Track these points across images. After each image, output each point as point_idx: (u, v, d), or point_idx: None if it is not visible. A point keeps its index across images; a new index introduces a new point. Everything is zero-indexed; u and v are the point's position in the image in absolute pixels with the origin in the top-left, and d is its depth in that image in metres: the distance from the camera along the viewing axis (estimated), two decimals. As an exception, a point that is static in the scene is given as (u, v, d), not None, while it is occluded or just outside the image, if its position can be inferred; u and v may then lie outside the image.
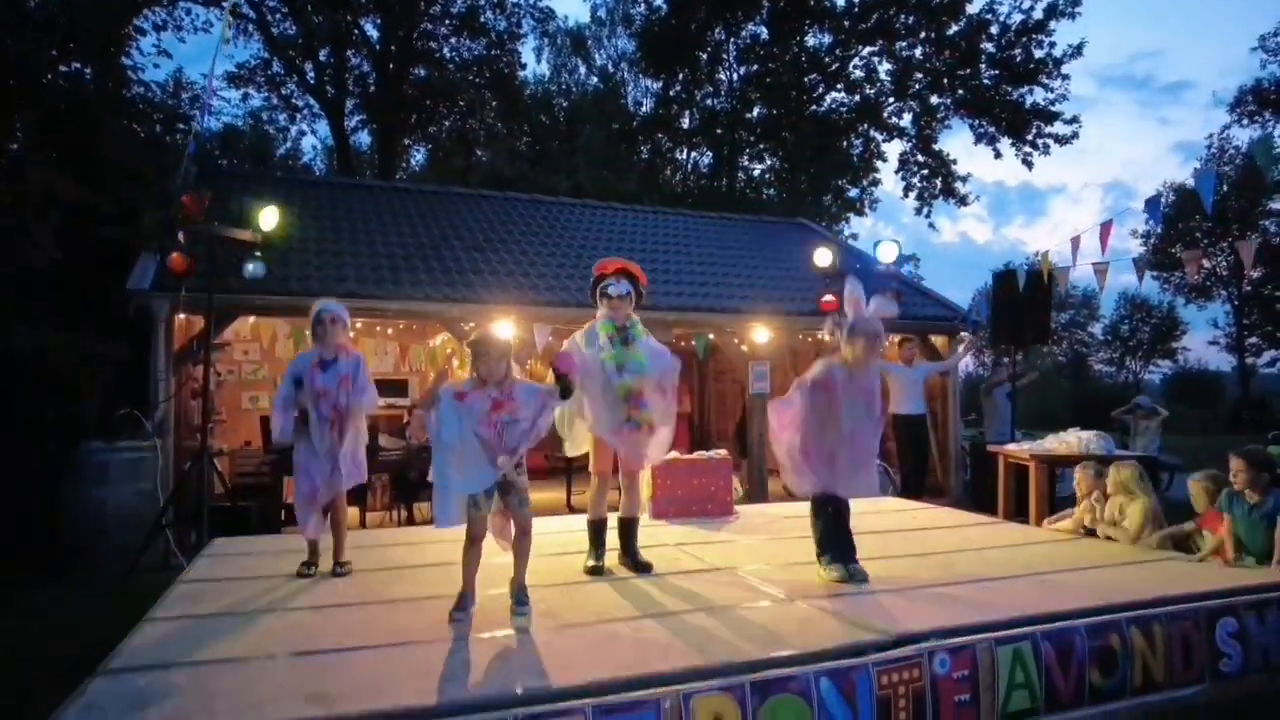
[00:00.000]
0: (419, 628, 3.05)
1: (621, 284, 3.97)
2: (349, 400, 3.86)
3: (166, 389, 6.36)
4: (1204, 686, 3.27)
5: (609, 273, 4.03)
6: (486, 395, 3.17)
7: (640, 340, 3.98)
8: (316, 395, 3.81)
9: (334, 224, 9.09)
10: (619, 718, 2.35)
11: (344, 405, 3.84)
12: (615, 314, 3.94)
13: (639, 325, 4.04)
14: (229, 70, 18.50)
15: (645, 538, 4.83)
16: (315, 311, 3.93)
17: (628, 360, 3.86)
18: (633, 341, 3.94)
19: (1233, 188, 27.89)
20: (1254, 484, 4.09)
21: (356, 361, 3.96)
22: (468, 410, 3.13)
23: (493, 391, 3.19)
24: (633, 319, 4.02)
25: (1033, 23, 20.69)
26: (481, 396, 3.17)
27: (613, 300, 3.94)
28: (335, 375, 3.84)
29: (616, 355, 3.86)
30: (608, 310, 3.96)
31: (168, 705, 2.29)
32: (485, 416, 3.14)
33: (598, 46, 26.58)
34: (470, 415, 3.13)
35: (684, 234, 11.70)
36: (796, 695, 2.57)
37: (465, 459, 3.11)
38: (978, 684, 2.86)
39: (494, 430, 3.14)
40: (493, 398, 3.17)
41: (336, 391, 3.83)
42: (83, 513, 5.59)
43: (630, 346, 3.92)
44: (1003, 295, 8.40)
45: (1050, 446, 6.86)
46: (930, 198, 22.98)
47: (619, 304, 3.95)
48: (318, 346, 3.91)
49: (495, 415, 3.14)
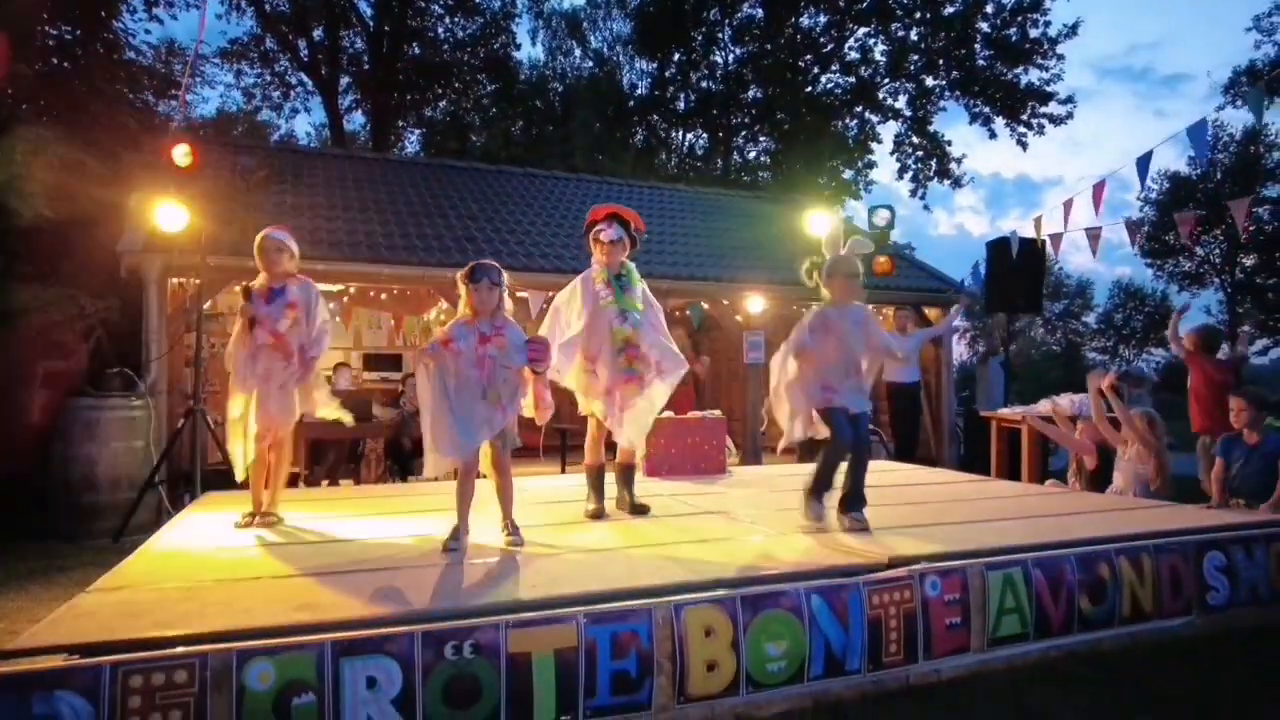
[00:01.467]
0: (413, 556, 3.06)
1: (614, 228, 3.87)
2: (291, 327, 3.72)
3: (158, 349, 6.32)
4: (1192, 618, 3.30)
5: (600, 218, 3.93)
6: (474, 330, 3.17)
7: (635, 288, 3.93)
8: (259, 322, 3.68)
9: (327, 194, 9.04)
10: (611, 626, 2.36)
11: (284, 331, 3.70)
12: (610, 259, 3.87)
13: (634, 273, 3.98)
14: (221, 46, 18.40)
15: (639, 491, 4.86)
16: (258, 240, 3.79)
17: (628, 307, 3.81)
18: (629, 289, 3.89)
19: (1227, 173, 27.94)
20: (1255, 424, 4.13)
21: (308, 289, 3.83)
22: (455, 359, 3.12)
23: (482, 326, 3.18)
24: (628, 266, 3.95)
25: (1028, 2, 20.65)
26: (469, 332, 3.16)
27: (605, 245, 3.85)
28: (281, 303, 3.72)
29: (619, 300, 3.81)
30: (602, 256, 3.88)
31: (159, 613, 2.28)
32: (473, 354, 3.13)
33: (593, 28, 26.44)
34: (459, 362, 3.12)
35: (679, 208, 11.69)
36: (788, 611, 2.59)
37: (456, 417, 3.10)
38: (968, 607, 2.88)
39: (483, 370, 3.13)
40: (480, 332, 3.16)
41: (279, 318, 3.70)
42: (73, 470, 5.54)
43: (628, 293, 3.87)
44: (996, 264, 8.41)
45: (1042, 409, 6.89)
46: (925, 179, 22.96)
47: (612, 249, 3.86)
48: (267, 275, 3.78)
49: (483, 349, 3.13)
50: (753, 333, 8.81)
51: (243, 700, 1.99)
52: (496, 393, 3.14)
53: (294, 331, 3.74)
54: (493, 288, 3.21)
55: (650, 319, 3.91)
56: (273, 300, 3.73)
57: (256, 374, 3.68)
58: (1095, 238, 6.77)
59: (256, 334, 3.68)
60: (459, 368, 3.14)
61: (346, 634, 2.13)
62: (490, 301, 3.21)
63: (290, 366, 3.72)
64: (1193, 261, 29.86)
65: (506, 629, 2.24)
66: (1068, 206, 6.61)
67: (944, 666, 2.79)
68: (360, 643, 2.12)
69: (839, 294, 3.71)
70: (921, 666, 2.76)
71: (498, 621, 2.26)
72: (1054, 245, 7.36)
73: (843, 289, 3.70)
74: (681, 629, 2.42)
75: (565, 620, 2.31)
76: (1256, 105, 4.96)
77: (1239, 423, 4.19)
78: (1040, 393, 9.03)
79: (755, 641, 2.51)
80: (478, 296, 3.19)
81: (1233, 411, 4.23)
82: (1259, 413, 4.15)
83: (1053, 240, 7.30)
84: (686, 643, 2.42)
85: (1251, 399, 4.20)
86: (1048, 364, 35.52)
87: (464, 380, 3.13)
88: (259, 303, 3.71)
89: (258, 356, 3.69)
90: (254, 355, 3.70)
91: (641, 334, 3.81)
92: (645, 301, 3.94)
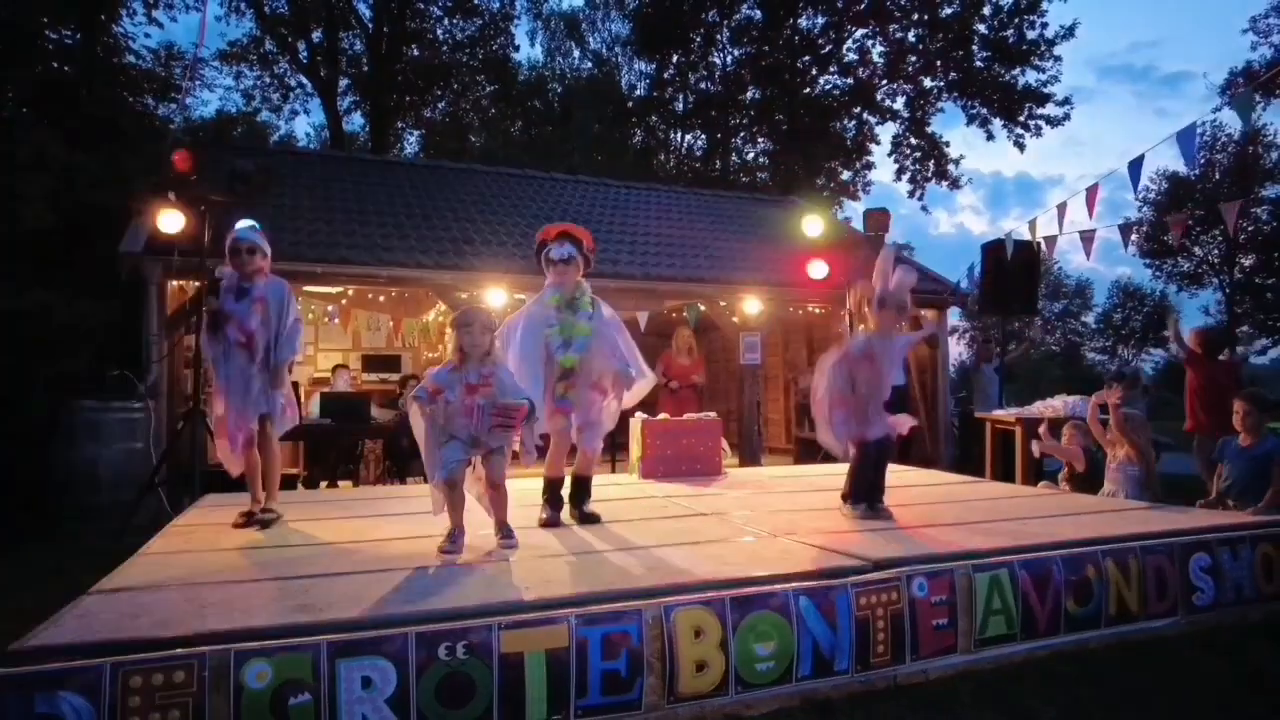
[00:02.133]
0: (408, 557, 3.10)
1: (564, 247, 3.74)
2: (260, 325, 3.71)
3: (159, 350, 6.37)
4: (1177, 619, 3.35)
5: (551, 237, 3.80)
6: (462, 379, 3.14)
7: (584, 312, 3.79)
8: (227, 318, 3.69)
9: (326, 196, 9.08)
10: (602, 628, 2.41)
11: (254, 329, 3.69)
12: (562, 280, 3.75)
13: (587, 295, 3.85)
14: (221, 48, 18.45)
15: (634, 492, 4.94)
16: (228, 241, 3.78)
17: (573, 335, 3.72)
18: (578, 312, 3.77)
19: (1225, 174, 27.98)
20: (1255, 428, 4.19)
21: (279, 288, 3.83)
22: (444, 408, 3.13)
23: (469, 375, 3.14)
24: (582, 287, 3.83)
25: (1025, 4, 20.70)
26: (456, 380, 3.14)
27: (556, 265, 3.74)
28: (249, 300, 3.72)
29: (563, 329, 3.72)
30: (554, 277, 3.77)
31: (159, 613, 2.33)
32: (460, 404, 3.11)
33: (591, 30, 26.52)
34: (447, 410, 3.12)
35: (677, 209, 11.72)
36: (776, 612, 2.63)
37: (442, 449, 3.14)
38: (955, 608, 2.93)
39: (471, 419, 3.11)
40: (467, 381, 3.13)
41: (248, 316, 3.70)
42: (74, 471, 5.60)
43: (576, 317, 3.75)
44: (991, 266, 8.44)
45: (1036, 410, 6.94)
46: (923, 180, 23.01)
47: (564, 269, 3.74)
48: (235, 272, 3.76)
49: (470, 400, 3.11)
50: (749, 334, 8.85)
51: (241, 699, 2.03)
52: (482, 439, 3.14)
53: (262, 331, 3.73)
54: (484, 332, 3.19)
55: (605, 339, 3.81)
56: (242, 298, 3.73)
57: (230, 374, 3.70)
58: (1089, 240, 6.82)
59: (228, 331, 3.69)
60: (448, 415, 3.13)
61: (342, 635, 2.18)
62: (481, 346, 3.18)
63: (256, 366, 3.73)
64: (1191, 261, 29.89)
65: (499, 629, 2.28)
66: (1061, 209, 6.65)
67: (931, 667, 2.84)
68: (356, 643, 2.17)
69: (886, 325, 3.85)
70: (909, 667, 2.80)
71: (490, 623, 2.30)
72: (1049, 247, 7.40)
73: (891, 321, 3.85)
74: (671, 629, 2.47)
75: (557, 621, 2.36)
76: (1244, 110, 5.01)
77: (1241, 425, 4.24)
78: (1038, 392, 9.09)
79: (744, 642, 2.55)
80: (469, 340, 3.16)
81: (1236, 414, 4.28)
82: (1261, 415, 4.21)
83: (1048, 242, 7.35)
84: (676, 643, 2.46)
85: (1255, 401, 4.26)
86: (1046, 364, 35.57)
87: (453, 425, 3.14)
88: (228, 298, 3.72)
89: (230, 355, 3.72)
90: (226, 354, 3.72)
91: (587, 360, 3.73)
92: (599, 321, 3.81)
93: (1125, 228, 6.58)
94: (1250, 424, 4.22)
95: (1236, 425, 4.29)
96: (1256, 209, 25.54)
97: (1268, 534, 3.64)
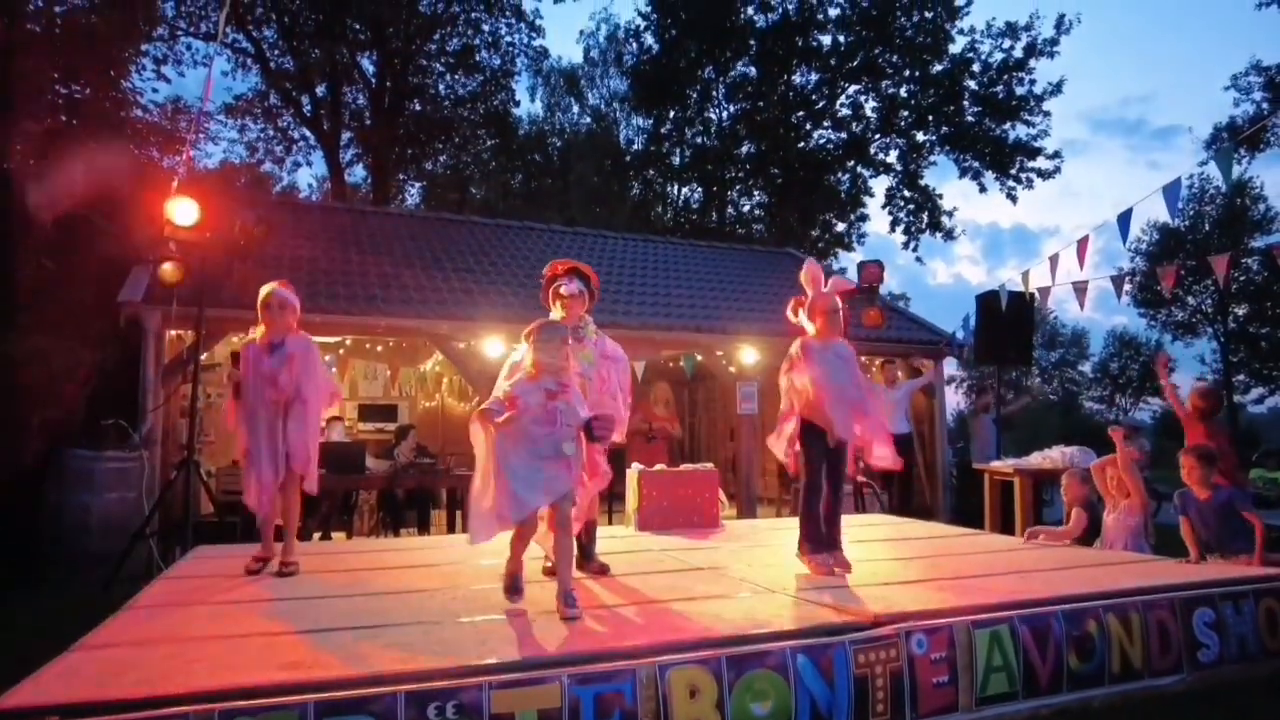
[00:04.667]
0: (400, 613, 3.05)
1: (574, 283, 3.90)
2: (295, 382, 3.78)
3: (155, 400, 6.36)
4: (1183, 675, 3.29)
5: (560, 272, 3.96)
6: (540, 387, 3.14)
7: (590, 339, 3.91)
8: (261, 378, 3.76)
9: (326, 245, 9.16)
10: (596, 688, 2.36)
11: (287, 386, 3.77)
12: (570, 313, 3.88)
13: (591, 325, 3.99)
14: (226, 102, 18.79)
15: (628, 545, 4.89)
16: (263, 295, 3.86)
17: (579, 358, 3.75)
18: (583, 340, 3.88)
19: (1215, 225, 28.38)
20: (1204, 481, 4.20)
21: (306, 344, 3.91)
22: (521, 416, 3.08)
23: (547, 383, 3.16)
24: (586, 319, 3.96)
25: (1013, 61, 21.22)
26: (534, 389, 3.14)
27: (565, 299, 3.87)
28: (281, 357, 3.79)
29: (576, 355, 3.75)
30: (562, 311, 3.89)
31: (144, 670, 2.28)
32: (541, 410, 3.10)
33: (590, 86, 27.10)
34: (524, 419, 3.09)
35: (674, 260, 11.84)
36: (773, 671, 2.59)
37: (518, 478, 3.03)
38: (955, 665, 2.88)
39: (554, 425, 3.09)
40: (547, 389, 3.15)
41: (279, 372, 3.76)
42: (65, 519, 5.54)
43: (582, 344, 3.85)
44: (986, 316, 8.51)
45: (1035, 462, 6.92)
46: (917, 232, 23.31)
47: (571, 303, 3.88)
48: (266, 330, 3.85)
49: (552, 404, 3.12)
50: (745, 383, 8.86)
51: (224, 762, 1.98)
52: (563, 448, 3.09)
53: (293, 386, 3.80)
54: (563, 344, 3.24)
55: (600, 375, 3.86)
56: (274, 353, 3.81)
57: (258, 430, 3.76)
58: (1082, 291, 6.88)
59: (265, 392, 3.76)
60: (524, 425, 3.08)
61: (330, 694, 2.13)
62: (559, 359, 3.21)
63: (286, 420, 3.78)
64: (1185, 311, 30.14)
65: (490, 689, 2.24)
66: (1054, 261, 6.73)
67: (932, 726, 2.78)
68: (344, 703, 2.12)
69: (820, 329, 3.98)
70: (909, 726, 2.74)
71: (481, 682, 2.26)
72: (1043, 298, 7.47)
73: (824, 324, 3.97)
74: (666, 689, 2.42)
75: (549, 680, 2.31)
76: (1226, 164, 5.11)
77: (1191, 480, 4.26)
78: (1036, 442, 9.06)
79: (740, 701, 2.50)
80: (546, 355, 3.18)
81: (1184, 469, 4.30)
82: (1208, 469, 4.23)
83: (1041, 293, 7.42)
84: (671, 703, 2.41)
85: (1198, 456, 4.28)
86: (1045, 413, 35.55)
87: (529, 437, 3.07)
88: (261, 357, 3.80)
89: (259, 412, 3.78)
90: (254, 413, 3.78)
91: (592, 386, 3.78)
92: (600, 355, 3.91)
93: (1118, 278, 6.64)
94: (1198, 478, 4.24)
95: (1186, 480, 4.30)
96: (1247, 259, 25.83)
97: (1269, 588, 3.60)
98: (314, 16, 17.98)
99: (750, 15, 22.92)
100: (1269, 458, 10.13)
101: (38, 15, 7.69)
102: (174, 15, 15.90)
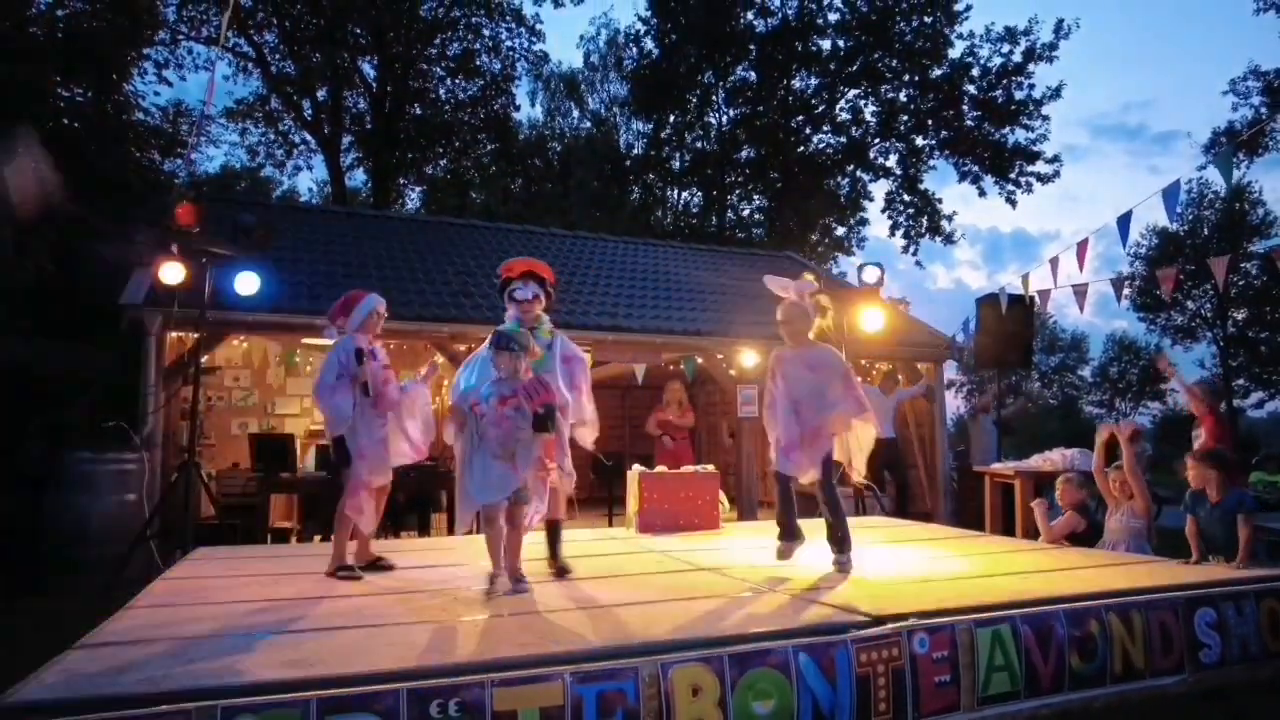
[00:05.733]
0: (402, 612, 3.05)
1: (529, 287, 3.84)
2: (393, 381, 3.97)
3: (156, 402, 6.36)
4: (1184, 676, 3.29)
5: (515, 275, 3.88)
6: (497, 391, 3.42)
7: (543, 339, 3.83)
8: (380, 372, 3.84)
9: (326, 249, 9.18)
10: (597, 685, 2.36)
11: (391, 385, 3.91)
12: (526, 316, 3.83)
13: (546, 325, 3.93)
14: (227, 106, 18.85)
15: (631, 547, 4.88)
16: (378, 306, 3.98)
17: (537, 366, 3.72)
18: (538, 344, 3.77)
19: (1214, 229, 28.41)
20: (1220, 485, 4.18)
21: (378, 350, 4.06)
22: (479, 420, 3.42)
23: (503, 388, 3.42)
24: (541, 320, 3.91)
25: (1012, 65, 21.29)
26: (493, 392, 3.43)
27: (520, 304, 3.83)
28: (382, 361, 3.95)
29: None
30: (516, 311, 3.84)
31: (146, 670, 2.28)
32: (494, 414, 3.38)
33: (590, 90, 27.16)
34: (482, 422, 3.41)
35: (674, 264, 11.85)
36: (775, 669, 2.59)
37: (473, 476, 3.40)
38: (957, 665, 2.87)
39: (502, 429, 3.37)
40: (502, 394, 3.40)
41: (383, 372, 3.90)
42: (66, 521, 5.53)
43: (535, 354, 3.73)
44: (987, 320, 8.52)
45: (1035, 464, 6.92)
46: (916, 236, 23.34)
47: (527, 308, 3.83)
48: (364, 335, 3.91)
49: (502, 409, 3.38)
50: (746, 386, 8.87)
51: (226, 759, 1.98)
52: (511, 451, 3.35)
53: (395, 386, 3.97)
54: (515, 359, 3.44)
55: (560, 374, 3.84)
56: (375, 358, 3.91)
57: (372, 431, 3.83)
58: (1082, 294, 6.88)
59: (388, 391, 3.85)
60: (482, 427, 3.39)
61: (332, 691, 2.13)
62: (512, 367, 3.44)
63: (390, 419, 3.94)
64: (1184, 315, 30.15)
65: (492, 687, 2.24)
66: (1054, 264, 6.74)
67: (934, 725, 2.77)
68: (345, 700, 2.12)
69: (789, 335, 4.04)
70: (911, 725, 2.74)
71: (483, 679, 2.25)
72: (1043, 301, 7.48)
73: (790, 331, 4.02)
74: (668, 687, 2.42)
75: (551, 678, 2.31)
76: (1226, 168, 5.13)
77: (1196, 484, 4.24)
78: (1036, 445, 9.06)
79: (742, 700, 2.50)
80: (501, 361, 3.45)
81: (1191, 475, 4.28)
82: (1225, 473, 4.21)
83: (1041, 296, 7.42)
84: (673, 701, 2.41)
85: (1202, 460, 4.26)
86: (1045, 417, 35.58)
87: (486, 439, 3.38)
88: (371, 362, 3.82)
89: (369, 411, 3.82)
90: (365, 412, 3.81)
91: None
92: (560, 359, 3.88)
93: (1118, 282, 6.65)
94: (1215, 482, 4.21)
95: (1194, 483, 4.27)
96: (1246, 264, 25.86)
97: (1271, 589, 3.60)
98: (315, 21, 18.05)
99: (750, 20, 23.03)
100: (1269, 461, 10.13)
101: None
102: (175, 20, 15.97)
